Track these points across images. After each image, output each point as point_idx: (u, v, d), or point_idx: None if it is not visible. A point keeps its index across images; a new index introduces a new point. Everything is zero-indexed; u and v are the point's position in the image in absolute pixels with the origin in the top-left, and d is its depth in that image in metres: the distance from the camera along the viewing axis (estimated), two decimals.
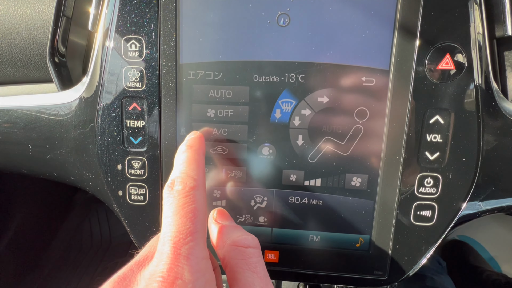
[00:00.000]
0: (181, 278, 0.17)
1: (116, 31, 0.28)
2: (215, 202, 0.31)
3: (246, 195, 0.30)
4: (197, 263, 0.18)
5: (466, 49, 0.26)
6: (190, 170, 0.22)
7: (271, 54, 0.27)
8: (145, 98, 0.29)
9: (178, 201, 0.20)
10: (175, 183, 0.21)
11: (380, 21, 0.26)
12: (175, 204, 0.20)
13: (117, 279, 0.19)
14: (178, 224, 0.19)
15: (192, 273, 0.18)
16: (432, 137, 0.27)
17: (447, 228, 0.29)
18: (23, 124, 0.33)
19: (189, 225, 0.19)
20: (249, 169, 0.29)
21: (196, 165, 0.23)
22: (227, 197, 0.30)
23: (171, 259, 0.18)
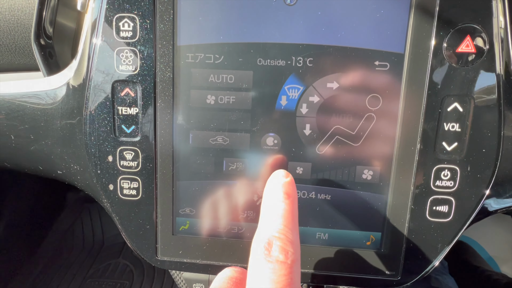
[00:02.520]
0: None
1: (107, 10, 0.25)
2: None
3: (248, 189, 0.28)
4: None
5: (488, 31, 0.24)
6: (289, 231, 0.19)
7: (277, 36, 0.25)
8: (139, 83, 0.26)
9: (278, 278, 0.17)
10: (274, 248, 0.18)
11: (395, 0, 0.24)
12: (274, 280, 0.17)
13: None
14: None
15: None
16: (450, 126, 0.25)
17: (464, 224, 0.27)
18: (4, 113, 0.31)
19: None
20: (252, 161, 0.27)
21: (294, 225, 0.20)
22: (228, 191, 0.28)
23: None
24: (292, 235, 0.19)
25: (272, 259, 0.18)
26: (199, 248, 0.29)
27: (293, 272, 0.18)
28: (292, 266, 0.18)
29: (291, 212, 0.20)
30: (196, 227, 0.29)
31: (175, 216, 0.29)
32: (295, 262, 0.18)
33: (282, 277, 0.17)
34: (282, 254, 0.18)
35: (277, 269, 0.18)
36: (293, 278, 0.18)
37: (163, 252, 0.29)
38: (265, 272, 0.18)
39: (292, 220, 0.20)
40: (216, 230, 0.29)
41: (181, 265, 0.29)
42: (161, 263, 0.29)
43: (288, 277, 0.18)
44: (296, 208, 0.21)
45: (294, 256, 0.18)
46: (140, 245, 0.29)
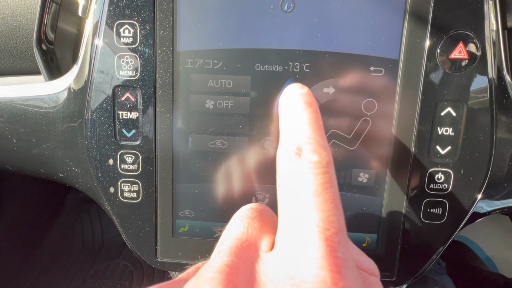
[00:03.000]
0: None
1: (108, 16, 0.26)
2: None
3: (246, 192, 0.28)
4: (357, 278, 0.13)
5: (480, 37, 0.25)
6: (319, 137, 0.16)
7: (274, 42, 0.26)
8: (139, 88, 0.27)
9: (318, 178, 0.14)
10: (304, 151, 0.15)
11: (390, 7, 0.25)
12: (314, 181, 0.14)
13: (227, 269, 0.13)
14: (325, 210, 0.13)
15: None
16: (444, 130, 0.26)
17: (458, 226, 0.27)
18: (7, 117, 0.31)
19: (338, 215, 0.13)
20: (251, 165, 0.28)
21: (322, 132, 0.16)
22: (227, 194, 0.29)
23: (330, 263, 0.12)
24: (323, 141, 0.16)
25: (304, 160, 0.14)
26: (198, 249, 0.30)
27: (332, 175, 0.14)
28: (329, 166, 0.14)
29: (316, 119, 0.16)
30: (195, 229, 0.29)
31: (174, 218, 0.29)
32: (330, 163, 0.15)
33: (322, 177, 0.14)
34: (315, 155, 0.14)
35: (312, 168, 0.14)
36: (331, 177, 0.14)
37: (163, 254, 0.30)
38: (298, 174, 0.14)
39: (320, 127, 0.16)
40: (215, 232, 0.29)
41: (181, 266, 0.30)
42: (161, 265, 0.30)
43: (328, 176, 0.14)
44: (320, 117, 0.17)
45: (329, 158, 0.15)
46: (141, 246, 0.30)
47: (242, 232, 0.15)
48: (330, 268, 0.12)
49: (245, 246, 0.14)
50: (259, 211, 0.16)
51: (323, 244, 0.12)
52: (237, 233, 0.15)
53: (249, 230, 0.15)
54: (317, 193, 0.14)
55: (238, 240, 0.15)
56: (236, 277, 0.12)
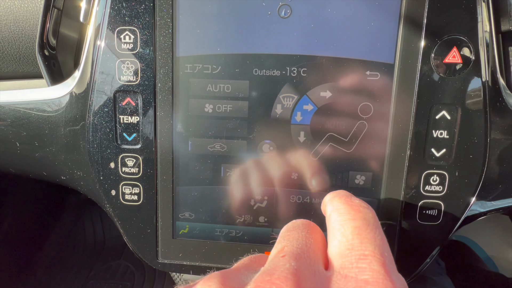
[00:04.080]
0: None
1: (109, 22, 0.27)
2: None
3: (245, 194, 0.29)
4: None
5: (473, 42, 0.25)
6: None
7: (272, 47, 0.26)
8: (140, 93, 0.27)
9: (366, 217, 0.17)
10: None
11: (385, 13, 0.25)
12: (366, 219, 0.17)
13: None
14: (380, 245, 0.16)
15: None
16: (439, 133, 0.26)
17: (453, 227, 0.28)
18: (10, 121, 0.32)
19: (389, 251, 0.17)
20: (249, 167, 0.28)
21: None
22: (226, 196, 0.29)
23: (389, 282, 0.14)
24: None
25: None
26: (198, 251, 0.30)
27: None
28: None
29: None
30: (195, 230, 0.30)
31: (175, 220, 0.30)
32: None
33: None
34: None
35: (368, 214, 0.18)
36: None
37: (163, 255, 0.30)
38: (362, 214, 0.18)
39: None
40: (214, 233, 0.30)
41: (181, 268, 0.30)
42: (162, 266, 0.30)
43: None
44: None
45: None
46: (142, 248, 0.30)
47: (302, 244, 0.17)
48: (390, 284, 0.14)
49: (306, 257, 0.16)
50: (312, 226, 0.19)
51: (383, 269, 0.15)
52: (298, 243, 0.17)
53: (307, 243, 0.17)
54: (369, 230, 0.17)
55: (300, 249, 0.17)
56: (305, 283, 0.14)
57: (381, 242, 0.17)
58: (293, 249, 0.17)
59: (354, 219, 0.18)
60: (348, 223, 0.17)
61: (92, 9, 0.28)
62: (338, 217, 0.18)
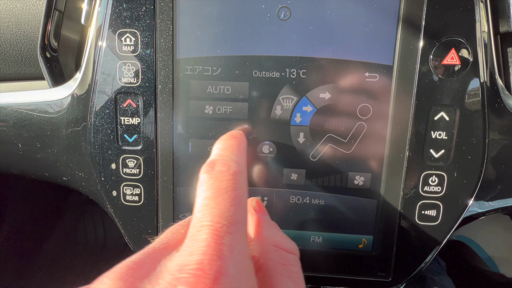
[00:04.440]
0: (227, 274, 0.13)
1: (110, 25, 0.27)
2: None
3: None
4: (242, 260, 0.14)
5: (472, 44, 0.25)
6: (233, 155, 0.19)
7: (271, 49, 0.27)
8: (140, 94, 0.28)
9: (221, 183, 0.17)
10: (216, 164, 0.18)
11: (383, 15, 0.26)
12: (216, 186, 0.16)
13: (131, 264, 0.14)
14: (221, 208, 0.15)
15: (238, 270, 0.14)
16: (437, 134, 0.27)
17: (452, 227, 0.28)
18: (12, 122, 0.32)
19: (233, 211, 0.15)
20: (249, 168, 0.28)
21: (239, 152, 0.19)
22: None
23: (212, 248, 0.14)
24: (237, 157, 0.19)
25: (214, 171, 0.17)
26: None
27: (236, 179, 0.17)
28: (235, 174, 0.17)
29: (236, 146, 0.20)
30: None
31: (175, 221, 0.30)
32: (238, 174, 0.17)
33: (224, 182, 0.17)
34: (223, 167, 0.18)
35: (219, 176, 0.17)
36: (236, 183, 0.17)
37: None
38: (208, 180, 0.17)
39: (237, 151, 0.20)
40: None
41: None
42: None
43: (230, 182, 0.17)
44: (242, 144, 0.21)
45: (237, 168, 0.18)
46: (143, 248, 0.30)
47: (164, 237, 0.17)
48: (211, 253, 0.14)
49: (162, 248, 0.16)
50: (187, 221, 0.18)
51: (210, 235, 0.14)
52: (160, 238, 0.17)
53: (173, 237, 0.17)
54: (217, 195, 0.16)
55: (157, 243, 0.17)
56: (138, 271, 0.14)
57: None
58: (150, 245, 0.17)
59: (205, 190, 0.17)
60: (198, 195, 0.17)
61: (93, 11, 0.28)
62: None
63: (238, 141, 0.21)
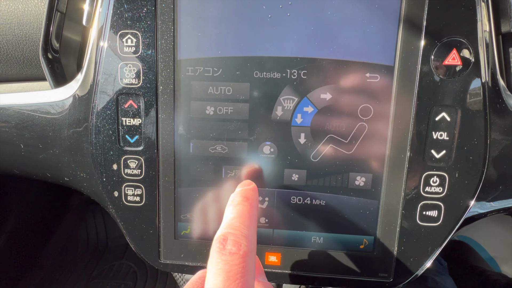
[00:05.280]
0: None
1: (111, 26, 0.27)
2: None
3: None
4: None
5: (473, 44, 0.25)
6: (245, 227, 0.21)
7: (272, 50, 0.27)
8: (142, 95, 0.28)
9: (230, 267, 0.19)
10: (228, 242, 0.20)
11: (384, 15, 0.26)
12: (226, 270, 0.19)
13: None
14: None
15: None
16: (438, 134, 0.27)
17: (453, 228, 0.28)
18: (14, 123, 0.32)
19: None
20: (250, 169, 0.29)
21: (250, 222, 0.21)
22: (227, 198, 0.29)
23: None
24: (248, 231, 0.21)
25: (226, 251, 0.19)
26: (199, 251, 0.30)
27: (245, 262, 0.19)
28: (245, 256, 0.19)
29: (248, 212, 0.22)
30: (197, 231, 0.30)
31: (176, 221, 0.30)
32: (247, 254, 0.20)
33: (234, 266, 0.19)
34: (235, 246, 0.20)
35: (229, 260, 0.19)
36: (246, 267, 0.19)
37: (165, 256, 0.31)
38: (219, 264, 0.19)
39: (249, 219, 0.22)
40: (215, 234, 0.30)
41: (183, 268, 0.31)
42: (164, 266, 0.31)
43: (240, 266, 0.19)
44: (254, 209, 0.23)
45: (248, 248, 0.20)
46: (144, 248, 0.31)
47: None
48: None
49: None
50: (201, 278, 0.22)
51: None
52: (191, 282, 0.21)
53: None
54: (225, 280, 0.18)
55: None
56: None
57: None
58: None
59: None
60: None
61: (95, 13, 0.28)
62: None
63: (250, 205, 0.23)
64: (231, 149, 0.28)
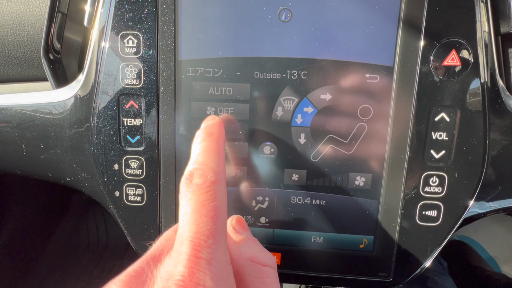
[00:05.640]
0: (203, 285, 0.16)
1: (112, 27, 0.27)
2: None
3: (247, 195, 0.29)
4: (220, 270, 0.17)
5: (472, 45, 0.25)
6: (210, 161, 0.20)
7: (273, 50, 0.27)
8: (143, 96, 0.28)
9: (198, 197, 0.18)
10: (194, 176, 0.19)
11: (384, 16, 0.26)
12: (195, 200, 0.18)
13: (133, 273, 0.17)
14: (198, 223, 0.17)
15: (215, 280, 0.16)
16: (438, 135, 0.27)
17: (453, 228, 0.28)
18: (16, 123, 0.32)
19: (211, 225, 0.17)
20: (250, 169, 0.29)
21: (216, 156, 0.21)
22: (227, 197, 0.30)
23: (191, 262, 0.16)
24: (214, 164, 0.20)
25: (192, 184, 0.19)
26: None
27: (213, 190, 0.19)
28: (212, 185, 0.19)
29: (212, 147, 0.21)
30: None
31: (177, 221, 0.30)
32: (215, 183, 0.19)
33: (202, 195, 0.18)
34: (201, 178, 0.19)
35: (196, 190, 0.18)
36: (214, 195, 0.18)
37: None
38: (187, 195, 0.18)
39: (215, 153, 0.21)
40: None
41: None
42: None
43: (208, 194, 0.18)
44: (219, 144, 0.22)
45: (215, 178, 0.19)
46: (145, 248, 0.31)
47: (160, 244, 0.19)
48: (191, 265, 0.16)
49: (158, 255, 0.18)
50: (174, 230, 0.20)
51: (190, 249, 0.17)
52: (156, 245, 0.19)
53: (166, 243, 0.19)
54: (195, 210, 0.18)
55: (154, 250, 0.19)
56: (139, 278, 0.17)
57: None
58: (146, 253, 0.19)
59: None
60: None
61: (96, 13, 0.28)
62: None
63: (215, 140, 0.22)
64: (231, 149, 0.28)
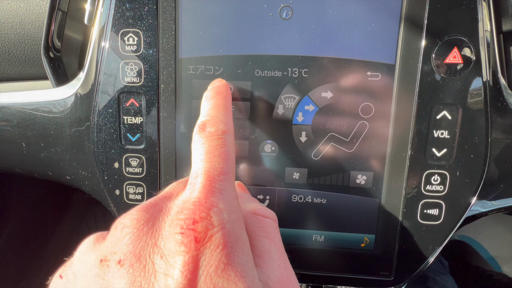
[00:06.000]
0: (217, 206, 0.17)
1: (113, 25, 0.27)
2: None
3: None
4: (231, 199, 0.18)
5: (474, 42, 0.25)
6: (221, 115, 0.22)
7: (274, 48, 0.27)
8: (143, 94, 0.28)
9: (211, 141, 0.20)
10: (207, 125, 0.21)
11: (385, 14, 0.26)
12: (208, 144, 0.20)
13: (145, 206, 0.18)
14: (212, 161, 0.19)
15: (227, 205, 0.17)
16: (439, 133, 0.27)
17: (454, 227, 0.28)
18: (16, 122, 0.32)
19: (223, 164, 0.19)
20: (251, 167, 0.29)
21: (226, 111, 0.23)
22: None
23: (206, 189, 0.17)
24: (224, 117, 0.22)
25: (205, 131, 0.21)
26: None
27: (225, 138, 0.20)
28: (224, 134, 0.20)
29: (222, 104, 0.23)
30: None
31: None
32: (226, 133, 0.21)
33: (214, 140, 0.20)
34: (213, 127, 0.21)
35: (209, 135, 0.20)
36: (226, 142, 0.20)
37: None
38: (200, 140, 0.20)
39: (224, 110, 0.23)
40: None
41: None
42: None
43: (220, 140, 0.20)
44: (228, 101, 0.24)
45: (226, 128, 0.21)
46: None
47: (168, 189, 0.21)
48: (206, 191, 0.17)
49: (168, 196, 0.19)
50: (186, 179, 0.22)
51: (205, 180, 0.18)
52: (164, 191, 0.21)
53: (174, 189, 0.20)
54: (209, 151, 0.20)
55: (163, 193, 0.20)
56: (154, 207, 0.18)
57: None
58: (161, 192, 0.20)
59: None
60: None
61: (96, 12, 0.28)
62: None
63: (223, 98, 0.24)
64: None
